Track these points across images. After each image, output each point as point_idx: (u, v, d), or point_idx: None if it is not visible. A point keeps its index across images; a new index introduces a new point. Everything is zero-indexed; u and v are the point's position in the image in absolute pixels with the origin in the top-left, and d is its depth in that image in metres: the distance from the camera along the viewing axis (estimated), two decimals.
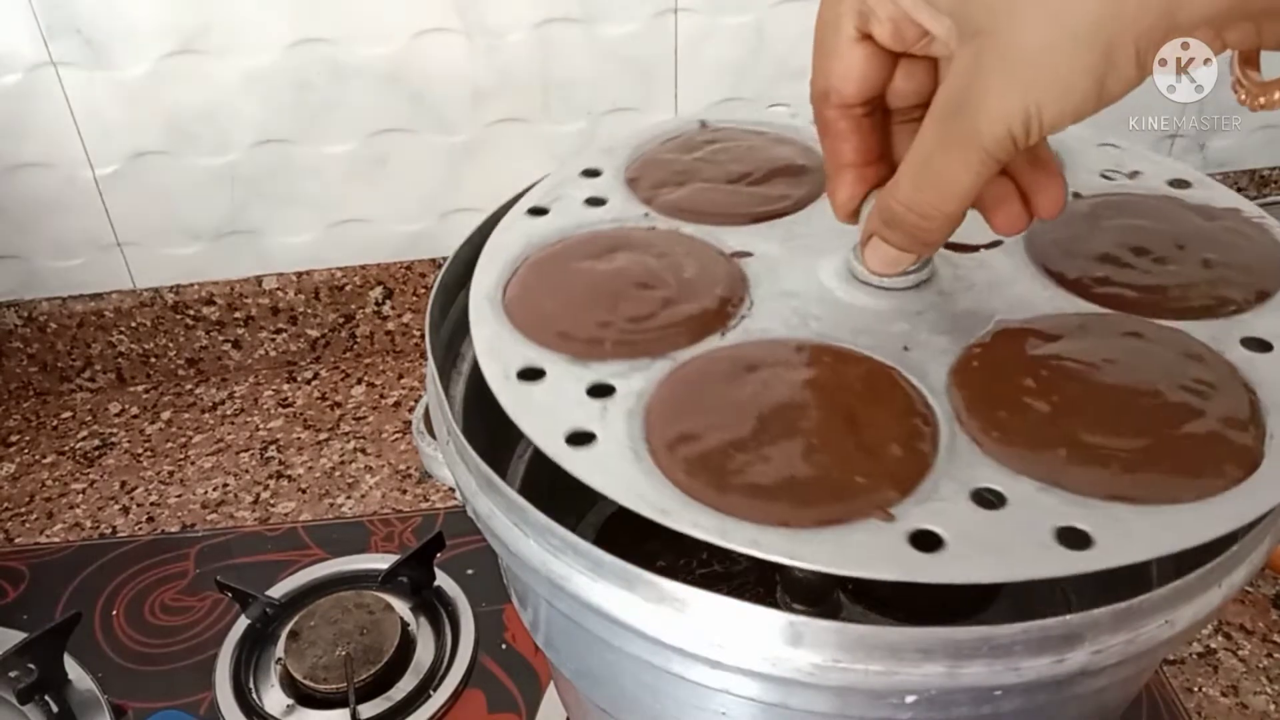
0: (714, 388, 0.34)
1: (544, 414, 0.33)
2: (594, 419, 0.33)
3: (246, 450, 0.77)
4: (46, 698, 0.57)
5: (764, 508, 0.29)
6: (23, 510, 0.73)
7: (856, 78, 0.31)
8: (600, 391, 0.34)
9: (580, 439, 0.32)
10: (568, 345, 0.36)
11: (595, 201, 0.43)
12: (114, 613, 0.64)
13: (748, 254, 0.40)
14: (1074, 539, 0.28)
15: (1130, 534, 0.28)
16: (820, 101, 0.32)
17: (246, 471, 0.75)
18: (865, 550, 0.28)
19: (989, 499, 0.30)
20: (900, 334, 0.36)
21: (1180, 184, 0.43)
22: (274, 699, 0.58)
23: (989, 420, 0.32)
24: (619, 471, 0.31)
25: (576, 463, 0.31)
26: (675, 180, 0.44)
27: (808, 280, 0.38)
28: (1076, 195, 0.42)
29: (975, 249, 0.39)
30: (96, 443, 0.78)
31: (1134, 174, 0.44)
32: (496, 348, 0.36)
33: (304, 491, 0.73)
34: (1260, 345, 0.35)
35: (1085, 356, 0.34)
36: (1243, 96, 0.28)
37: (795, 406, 0.33)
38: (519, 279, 0.39)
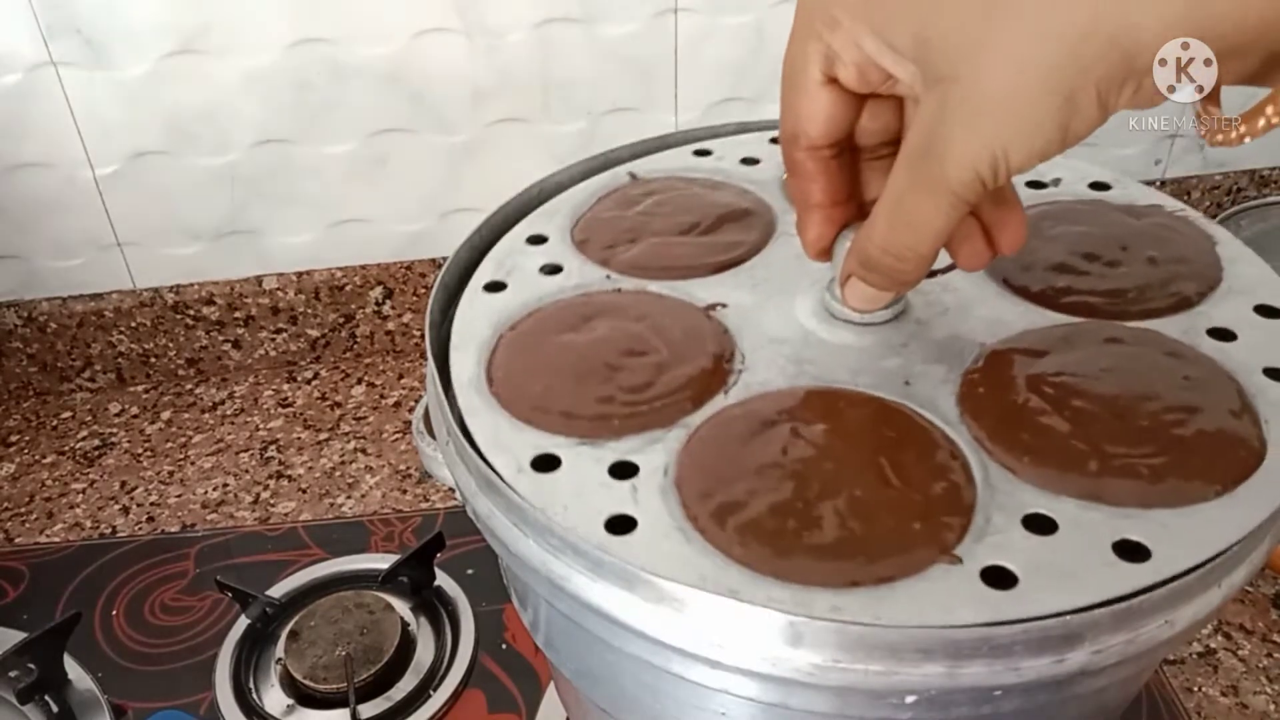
0: (737, 451, 0.33)
1: (573, 503, 0.32)
2: (626, 502, 0.32)
3: (246, 450, 0.77)
4: (46, 698, 0.57)
5: (831, 570, 0.29)
6: (23, 510, 0.73)
7: (823, 121, 0.31)
8: (623, 471, 0.33)
9: (621, 525, 0.31)
10: (574, 426, 0.35)
11: (551, 269, 0.42)
12: (114, 613, 0.64)
13: (723, 305, 0.40)
14: (1131, 551, 0.29)
15: (1179, 538, 0.30)
16: (789, 144, 0.33)
17: (246, 471, 0.75)
18: (946, 598, 0.29)
19: (1041, 523, 0.31)
20: (896, 369, 0.36)
21: (1100, 186, 0.45)
22: (274, 699, 0.58)
23: (1015, 445, 0.33)
24: (674, 554, 0.30)
25: (628, 551, 0.30)
26: (626, 238, 0.43)
27: (788, 324, 0.38)
28: None
29: (934, 273, 0.39)
30: (96, 443, 0.78)
31: (1056, 180, 0.45)
32: (500, 440, 0.34)
33: (304, 491, 0.73)
34: (1225, 335, 0.37)
35: (1080, 369, 0.35)
36: (1203, 131, 0.29)
37: (825, 458, 0.33)
38: (500, 362, 0.38)
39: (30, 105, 0.71)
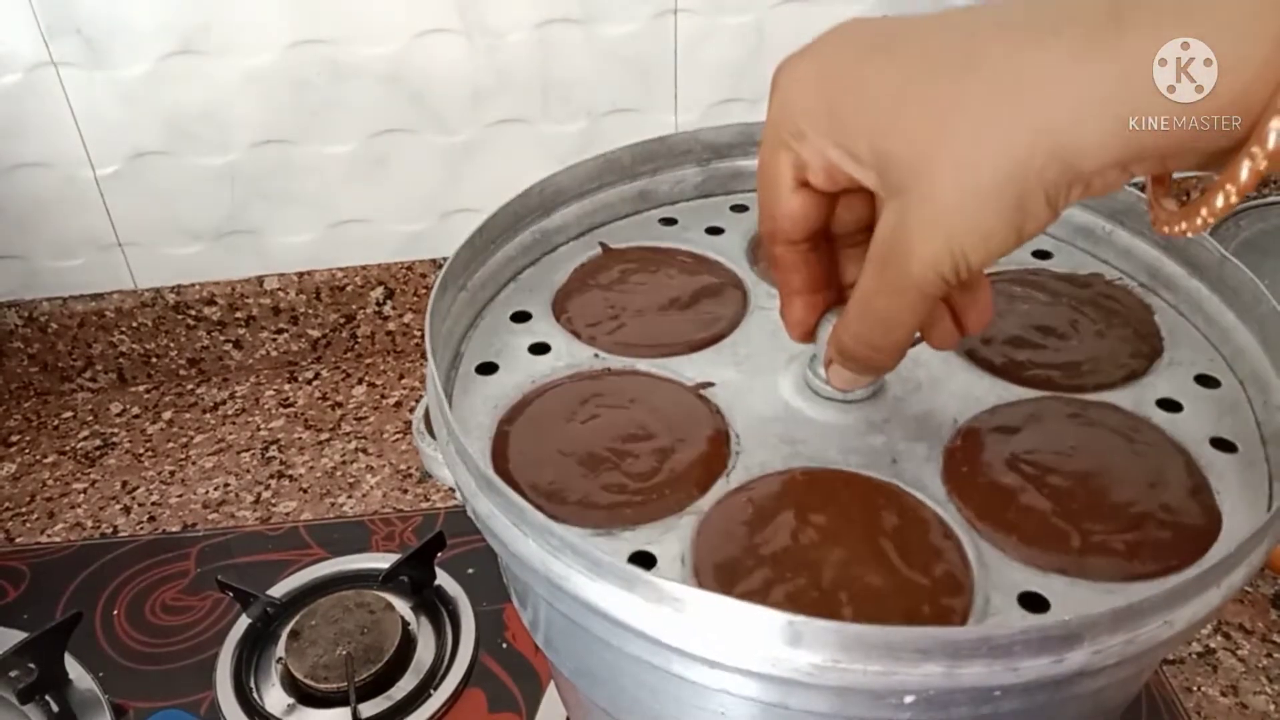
0: (750, 540, 0.35)
1: None
2: None
3: (248, 450, 0.77)
4: (47, 697, 0.57)
5: None
6: (23, 510, 0.73)
7: (799, 219, 0.33)
8: (643, 562, 0.34)
9: None
10: (590, 517, 0.36)
11: (539, 348, 0.44)
12: (115, 612, 0.64)
13: (710, 384, 0.41)
14: None
15: None
16: (768, 240, 0.35)
17: (248, 471, 0.75)
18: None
19: (1035, 601, 0.33)
20: (882, 446, 0.38)
21: (1042, 255, 0.48)
22: (275, 698, 0.58)
23: (1003, 524, 0.35)
24: None
25: None
26: (609, 315, 0.45)
27: (774, 402, 0.40)
28: None
29: None
30: (98, 443, 0.78)
31: None
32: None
33: (305, 491, 0.73)
34: (1172, 406, 0.40)
35: (1051, 446, 0.38)
36: (1152, 219, 0.30)
37: (833, 543, 0.34)
38: (508, 454, 0.39)
39: (30, 105, 0.71)
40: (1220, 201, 0.27)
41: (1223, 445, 0.38)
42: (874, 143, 0.29)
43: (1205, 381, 0.41)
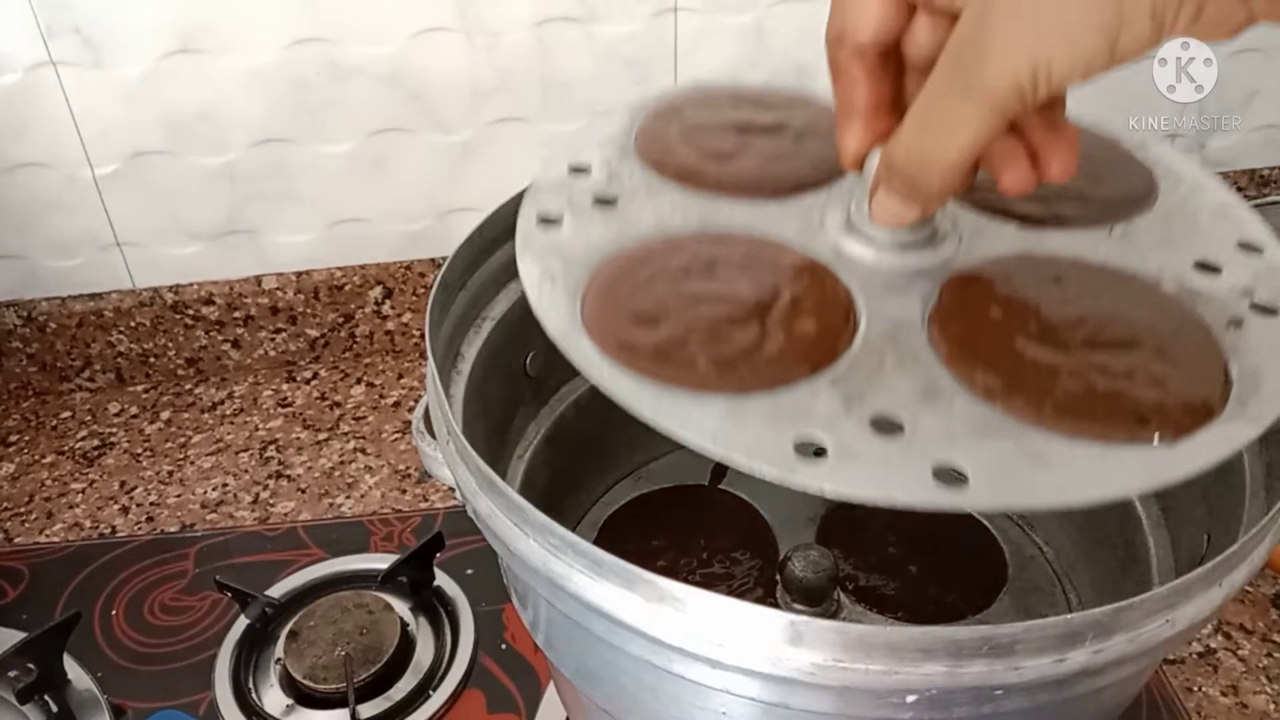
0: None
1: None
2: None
3: (246, 450, 0.77)
4: (46, 697, 0.57)
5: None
6: (22, 510, 0.73)
7: (872, 21, 0.30)
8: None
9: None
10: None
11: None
12: (113, 612, 0.64)
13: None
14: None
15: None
16: (834, 44, 0.32)
17: (246, 471, 0.75)
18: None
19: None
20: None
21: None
22: (273, 699, 0.58)
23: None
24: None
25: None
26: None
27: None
28: None
29: None
30: (96, 443, 0.78)
31: None
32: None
33: (303, 491, 0.73)
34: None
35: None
36: None
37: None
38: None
39: (29, 105, 0.71)
40: None
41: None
42: None
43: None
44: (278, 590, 0.63)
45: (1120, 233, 0.38)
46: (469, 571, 0.64)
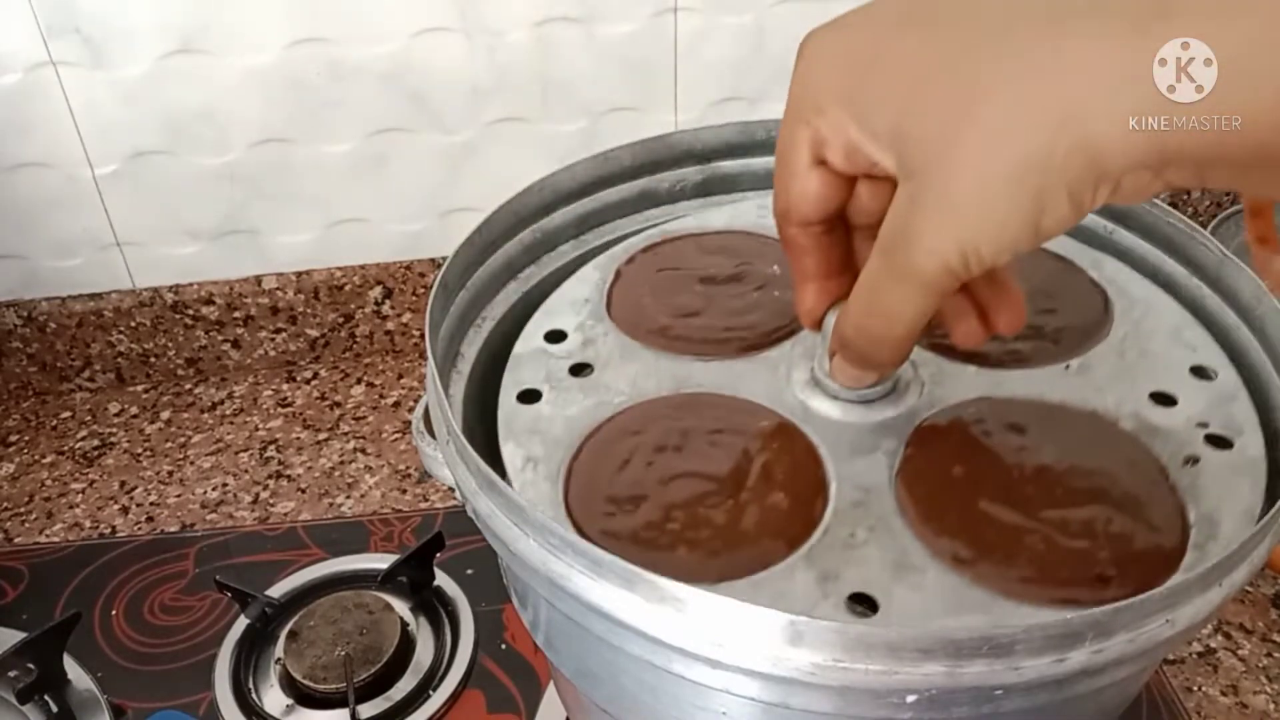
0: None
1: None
2: None
3: (246, 450, 0.77)
4: (46, 697, 0.57)
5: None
6: (22, 510, 0.73)
7: (813, 199, 0.32)
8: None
9: None
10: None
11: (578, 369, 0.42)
12: (113, 612, 0.64)
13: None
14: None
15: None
16: (782, 219, 0.33)
17: (246, 471, 0.75)
18: None
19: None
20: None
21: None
22: (273, 699, 0.58)
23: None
24: None
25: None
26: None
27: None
28: None
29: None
30: (96, 443, 0.78)
31: None
32: None
33: (303, 491, 0.73)
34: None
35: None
36: (1266, 280, 0.29)
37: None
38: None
39: (30, 105, 0.71)
40: None
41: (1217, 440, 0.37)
42: (894, 121, 0.28)
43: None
44: (278, 590, 0.63)
45: (1077, 367, 0.39)
46: (469, 571, 0.64)
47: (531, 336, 0.43)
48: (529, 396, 0.41)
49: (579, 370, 0.42)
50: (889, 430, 0.37)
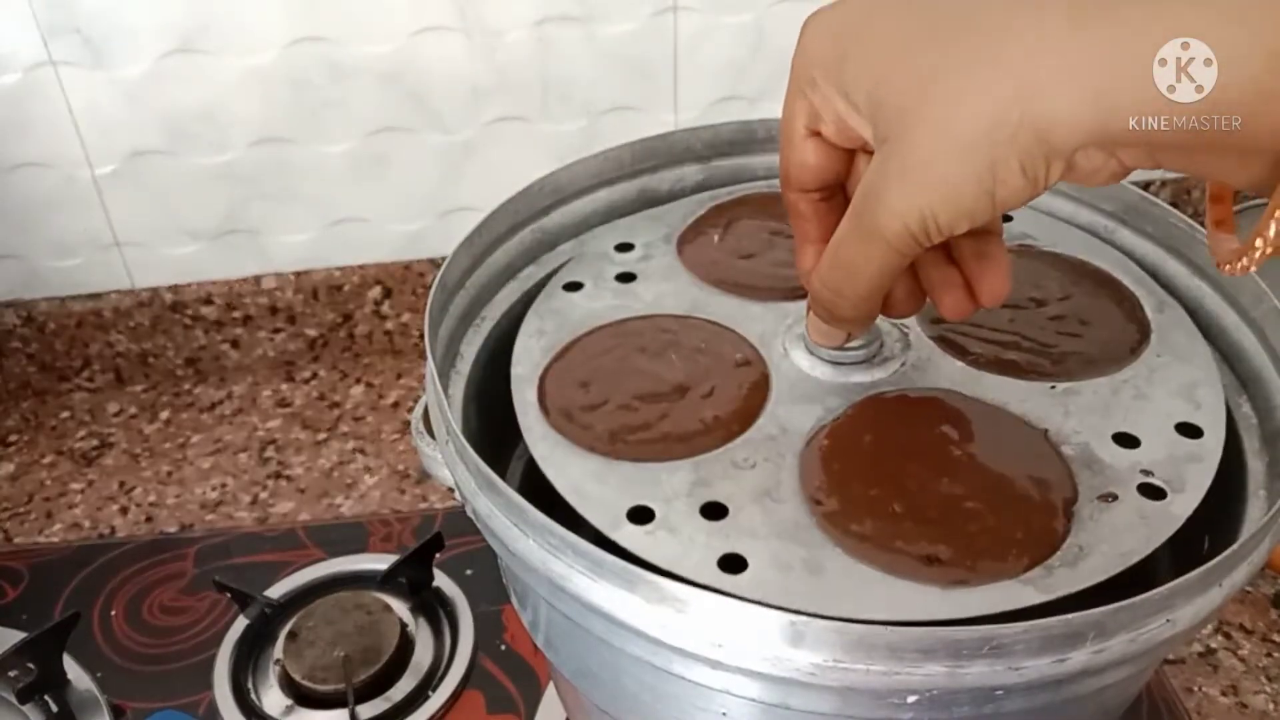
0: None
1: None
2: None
3: (245, 450, 0.77)
4: (46, 697, 0.57)
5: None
6: (21, 510, 0.73)
7: (810, 168, 0.34)
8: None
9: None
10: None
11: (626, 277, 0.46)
12: (113, 613, 0.64)
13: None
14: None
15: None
16: (784, 185, 0.35)
17: (245, 471, 0.75)
18: None
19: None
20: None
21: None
22: (273, 699, 0.58)
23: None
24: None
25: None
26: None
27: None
28: None
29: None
30: (95, 443, 0.78)
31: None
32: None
33: (302, 491, 0.73)
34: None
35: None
36: (1213, 257, 0.30)
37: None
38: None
39: (29, 105, 0.71)
40: (1274, 230, 0.26)
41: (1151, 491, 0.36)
42: (870, 92, 0.30)
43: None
44: (277, 591, 0.63)
45: (1062, 390, 0.39)
46: (468, 572, 0.64)
47: (605, 242, 0.48)
48: (572, 286, 0.46)
49: (624, 278, 0.46)
50: (843, 392, 0.39)
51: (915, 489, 0.35)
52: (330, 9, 0.70)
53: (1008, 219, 0.47)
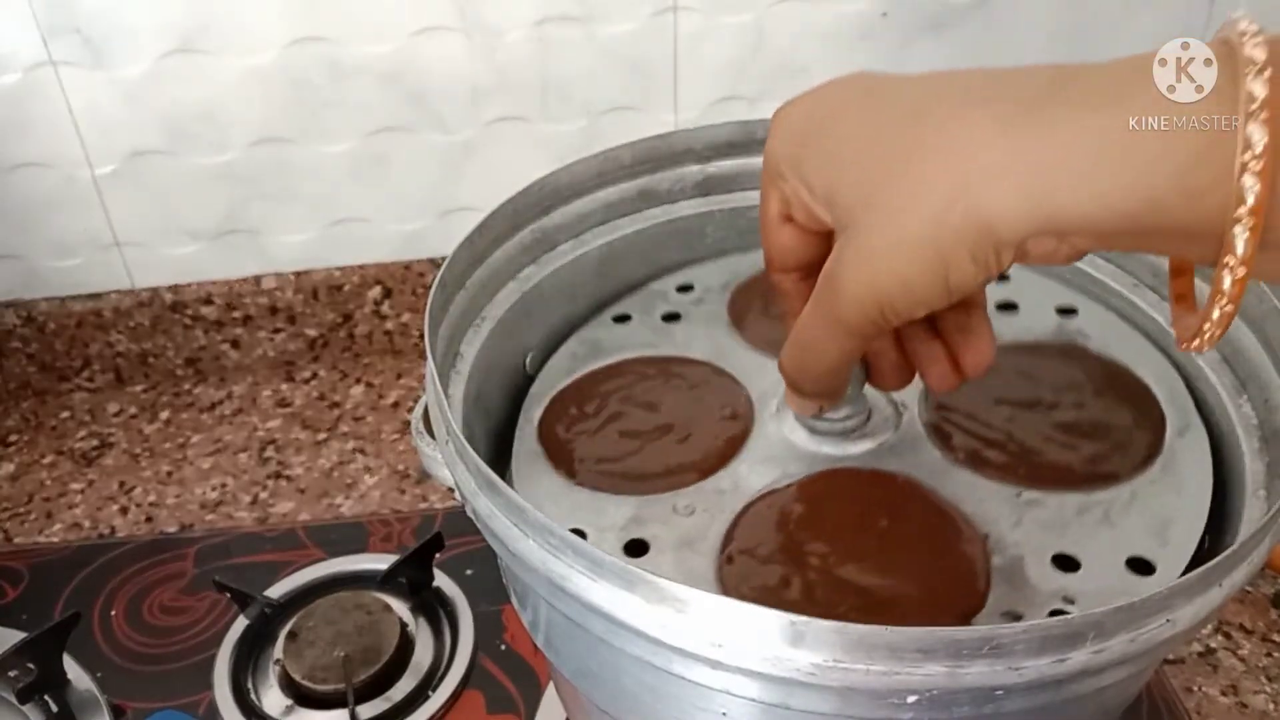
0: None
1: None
2: None
3: (245, 450, 0.77)
4: (46, 697, 0.57)
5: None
6: (22, 510, 0.73)
7: (787, 251, 0.35)
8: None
9: None
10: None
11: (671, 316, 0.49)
12: (113, 613, 0.64)
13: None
14: None
15: None
16: (767, 265, 0.37)
17: (245, 471, 0.75)
18: None
19: None
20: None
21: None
22: (273, 699, 0.58)
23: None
24: None
25: None
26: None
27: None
28: None
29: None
30: (95, 443, 0.78)
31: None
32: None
33: (302, 491, 0.73)
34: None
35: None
36: (1175, 336, 0.30)
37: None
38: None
39: (29, 105, 0.71)
40: (1216, 313, 0.27)
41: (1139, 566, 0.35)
42: (828, 186, 0.31)
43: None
44: (277, 590, 0.63)
45: (1026, 499, 0.38)
46: (469, 572, 0.64)
47: (671, 283, 0.51)
48: (621, 318, 0.49)
49: (670, 317, 0.49)
50: (809, 461, 0.40)
51: (817, 568, 0.35)
52: (330, 9, 0.70)
53: (1005, 277, 0.48)
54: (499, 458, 0.44)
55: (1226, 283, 0.26)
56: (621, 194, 0.50)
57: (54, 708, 0.57)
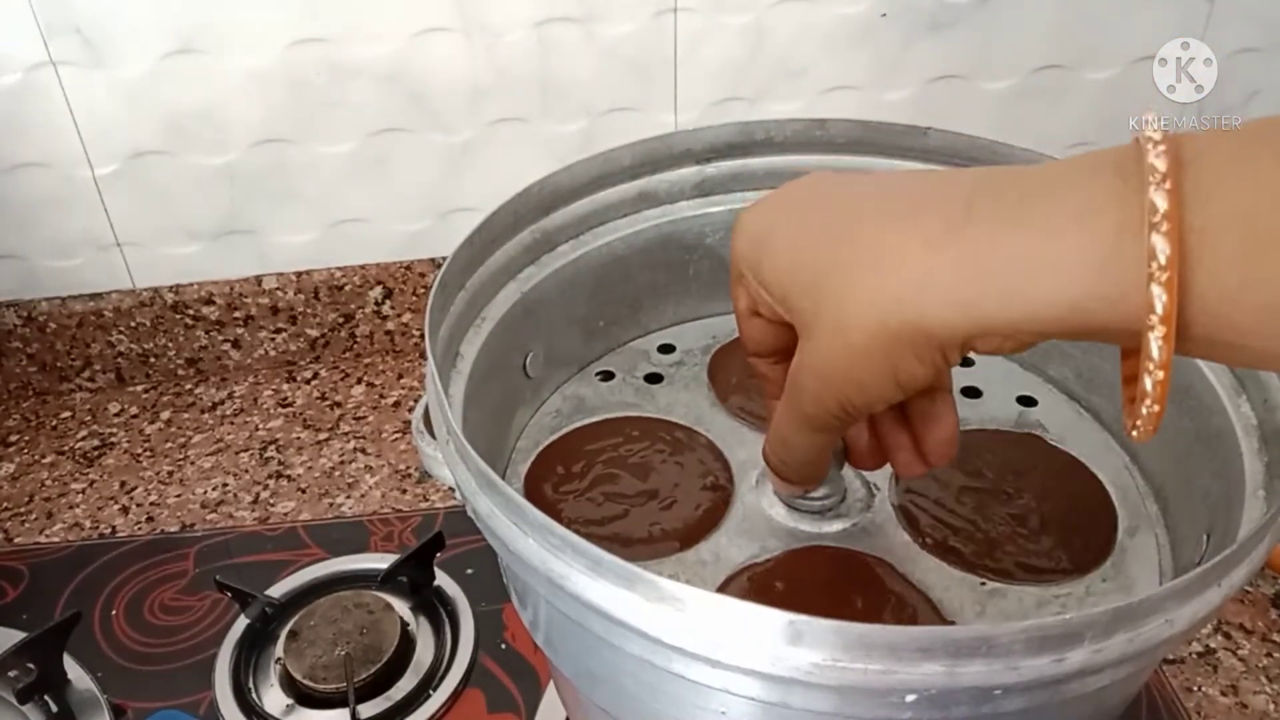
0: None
1: None
2: None
3: (246, 450, 0.77)
4: (46, 697, 0.57)
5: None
6: (22, 510, 0.73)
7: (757, 341, 0.37)
8: None
9: None
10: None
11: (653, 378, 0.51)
12: (113, 612, 0.64)
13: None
14: None
15: None
16: (745, 349, 0.39)
17: (246, 471, 0.75)
18: None
19: None
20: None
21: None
22: (273, 699, 0.58)
23: None
24: None
25: None
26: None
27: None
28: None
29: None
30: (96, 443, 0.78)
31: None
32: None
33: (303, 491, 0.73)
34: None
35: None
36: (1128, 426, 0.30)
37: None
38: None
39: (29, 105, 0.71)
40: (1144, 412, 0.27)
41: None
42: (783, 289, 0.33)
43: None
44: (278, 590, 0.63)
45: (990, 589, 0.40)
46: (469, 571, 0.64)
47: (653, 342, 0.53)
48: (604, 376, 0.51)
49: (652, 378, 0.51)
50: (787, 537, 0.41)
51: None
52: (330, 9, 0.70)
53: (969, 363, 0.50)
54: (499, 457, 0.44)
55: (1148, 384, 0.26)
56: (621, 194, 0.50)
57: (54, 708, 0.57)
